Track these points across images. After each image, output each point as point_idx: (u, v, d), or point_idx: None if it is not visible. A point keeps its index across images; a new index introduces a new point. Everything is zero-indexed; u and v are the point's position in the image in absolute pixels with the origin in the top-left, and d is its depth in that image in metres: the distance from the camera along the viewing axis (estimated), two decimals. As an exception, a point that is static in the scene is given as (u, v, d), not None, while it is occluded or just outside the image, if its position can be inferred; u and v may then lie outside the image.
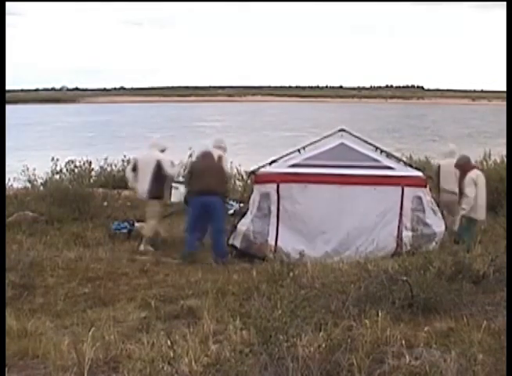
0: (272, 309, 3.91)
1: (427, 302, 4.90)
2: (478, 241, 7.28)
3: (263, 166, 9.03)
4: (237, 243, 8.65)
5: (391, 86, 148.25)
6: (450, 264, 5.63)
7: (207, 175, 8.43)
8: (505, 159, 11.98)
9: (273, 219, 8.61)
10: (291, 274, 5.85)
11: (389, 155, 9.43)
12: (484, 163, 12.90)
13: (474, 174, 8.83)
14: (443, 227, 8.68)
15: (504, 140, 9.24)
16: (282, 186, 8.60)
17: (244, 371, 3.28)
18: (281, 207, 8.60)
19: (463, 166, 8.93)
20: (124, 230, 9.51)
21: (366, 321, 4.34)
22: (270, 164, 9.02)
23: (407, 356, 3.78)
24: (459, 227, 8.65)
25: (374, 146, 9.36)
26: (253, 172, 9.06)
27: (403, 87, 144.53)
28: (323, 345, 3.62)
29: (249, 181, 9.40)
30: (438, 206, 8.84)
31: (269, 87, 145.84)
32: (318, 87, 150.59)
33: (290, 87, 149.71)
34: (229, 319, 4.68)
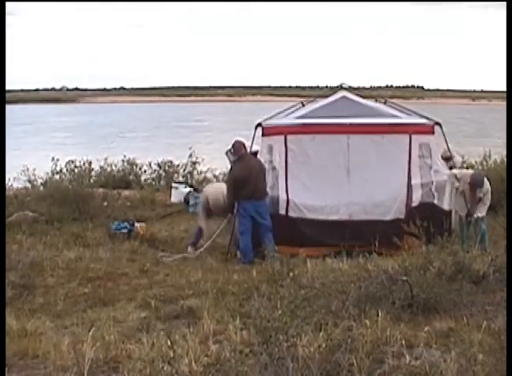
0: (272, 309, 3.90)
1: (427, 302, 4.90)
2: (479, 241, 7.26)
3: (269, 118, 8.89)
4: None
5: (391, 86, 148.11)
6: (450, 264, 5.62)
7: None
8: (505, 159, 11.97)
9: (281, 172, 8.51)
10: (291, 274, 5.85)
11: (392, 105, 9.36)
12: (484, 163, 12.90)
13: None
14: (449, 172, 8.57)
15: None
16: (289, 137, 8.47)
17: (244, 371, 3.28)
18: (289, 160, 8.46)
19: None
20: (124, 230, 9.50)
21: (366, 321, 4.35)
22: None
23: (407, 356, 3.78)
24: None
25: (375, 99, 9.34)
26: (260, 124, 8.83)
27: (403, 87, 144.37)
28: (323, 345, 3.61)
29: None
30: None
31: (269, 87, 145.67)
32: (318, 87, 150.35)
33: (290, 87, 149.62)
34: (229, 319, 4.68)
